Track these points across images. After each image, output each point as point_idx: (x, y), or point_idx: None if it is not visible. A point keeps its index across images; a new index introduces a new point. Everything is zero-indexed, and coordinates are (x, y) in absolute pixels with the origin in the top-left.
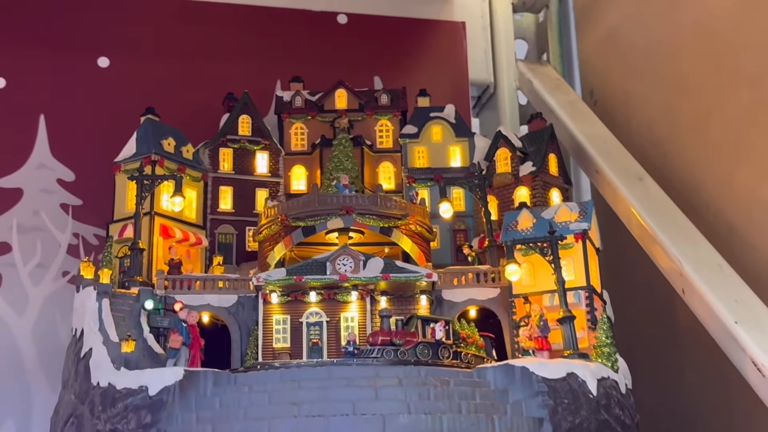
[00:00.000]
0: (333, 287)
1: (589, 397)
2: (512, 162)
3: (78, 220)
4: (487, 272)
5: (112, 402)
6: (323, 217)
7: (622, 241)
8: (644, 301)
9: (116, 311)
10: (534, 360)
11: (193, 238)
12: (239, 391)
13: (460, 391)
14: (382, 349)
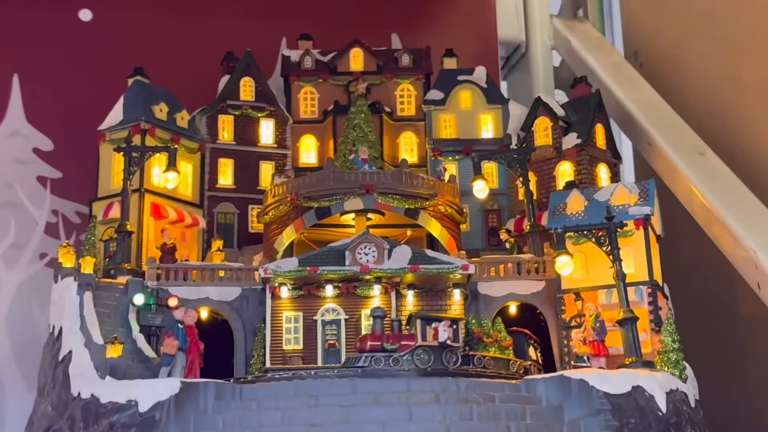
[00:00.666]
0: (353, 280)
1: (657, 414)
2: (553, 133)
3: (57, 195)
4: (530, 262)
5: (95, 418)
6: (340, 196)
7: (677, 225)
8: (702, 295)
9: (100, 306)
10: (593, 371)
11: (189, 219)
12: (246, 407)
13: (508, 410)
14: (370, 356)
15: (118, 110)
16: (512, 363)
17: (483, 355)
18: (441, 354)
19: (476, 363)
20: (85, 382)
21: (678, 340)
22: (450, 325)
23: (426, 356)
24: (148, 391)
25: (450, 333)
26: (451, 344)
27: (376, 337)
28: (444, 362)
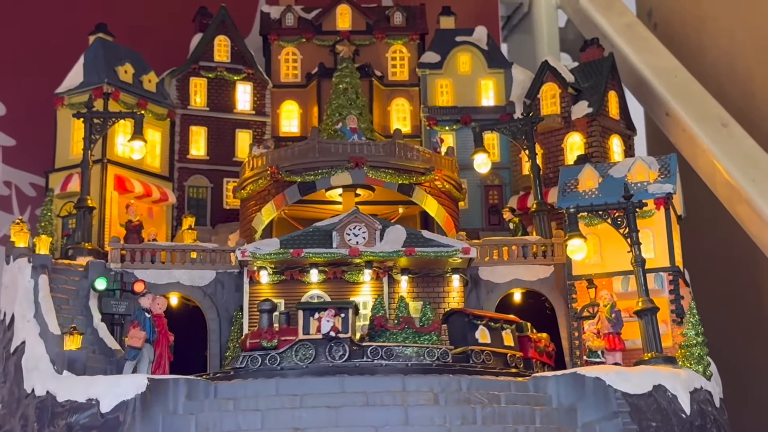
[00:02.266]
0: (341, 264)
1: (681, 417)
2: (562, 101)
3: (10, 164)
4: (536, 245)
5: (51, 418)
6: (326, 170)
7: (698, 204)
8: (725, 282)
9: (57, 291)
10: (610, 369)
11: (157, 193)
12: (221, 408)
13: (515, 412)
14: (248, 355)
15: (77, 71)
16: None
17: (395, 346)
18: (326, 348)
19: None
20: (40, 377)
21: (702, 333)
22: (336, 314)
23: (309, 351)
24: (111, 389)
25: (338, 323)
26: (337, 336)
27: (256, 335)
28: (328, 357)
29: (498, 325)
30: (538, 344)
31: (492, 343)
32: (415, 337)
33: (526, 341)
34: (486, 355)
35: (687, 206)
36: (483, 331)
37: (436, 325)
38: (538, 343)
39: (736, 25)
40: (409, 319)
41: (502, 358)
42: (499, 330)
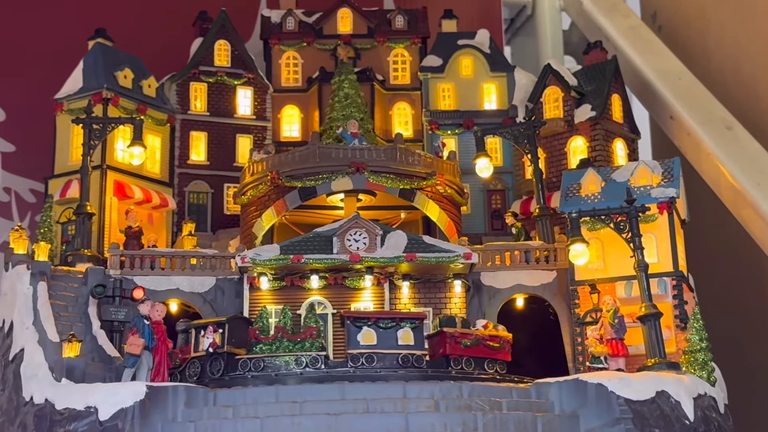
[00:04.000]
0: (341, 270)
1: (684, 423)
2: (565, 104)
3: (9, 170)
4: (539, 250)
5: (49, 426)
6: (326, 175)
7: (702, 208)
8: (729, 287)
9: (56, 298)
10: (612, 375)
11: (157, 199)
12: (220, 415)
13: (517, 419)
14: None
15: (77, 76)
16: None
17: (267, 357)
18: (207, 363)
19: (255, 368)
20: (39, 384)
21: (706, 339)
22: (215, 330)
23: (196, 368)
24: (110, 397)
25: (217, 338)
26: (218, 351)
27: (176, 354)
28: (209, 373)
29: (392, 324)
30: (459, 339)
31: (378, 344)
32: (290, 346)
33: (444, 337)
34: (367, 358)
35: (691, 210)
36: (368, 333)
37: (310, 331)
38: (461, 338)
39: (740, 28)
40: (282, 328)
41: (392, 358)
42: (393, 330)
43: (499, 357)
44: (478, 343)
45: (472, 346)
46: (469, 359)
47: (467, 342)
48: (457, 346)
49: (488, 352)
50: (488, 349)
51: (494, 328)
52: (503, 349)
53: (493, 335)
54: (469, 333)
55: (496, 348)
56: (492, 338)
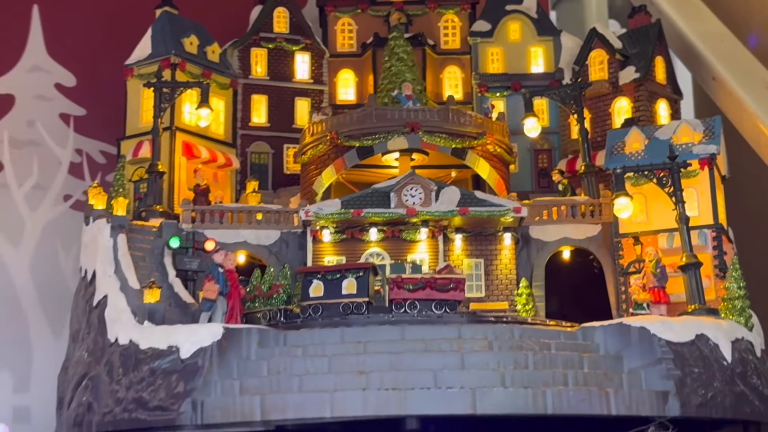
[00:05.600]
0: (398, 223)
1: (722, 364)
2: (609, 67)
3: (81, 133)
4: (585, 204)
5: (135, 364)
6: (383, 135)
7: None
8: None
9: (135, 250)
10: (654, 318)
11: (222, 159)
12: (291, 354)
13: (564, 358)
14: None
15: (145, 43)
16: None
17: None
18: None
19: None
20: (123, 327)
21: (744, 287)
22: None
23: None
24: (190, 337)
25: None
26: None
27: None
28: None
29: (338, 276)
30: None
31: (325, 295)
32: (266, 302)
33: (391, 283)
34: (313, 308)
35: (732, 167)
36: (318, 286)
37: (276, 288)
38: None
39: None
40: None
41: (335, 307)
42: (338, 281)
43: (450, 298)
44: (423, 287)
45: (416, 289)
46: (414, 302)
47: (410, 286)
48: (401, 290)
49: (436, 294)
50: (437, 291)
51: (452, 270)
52: (455, 290)
53: (444, 277)
54: (413, 278)
55: (445, 289)
56: (442, 280)
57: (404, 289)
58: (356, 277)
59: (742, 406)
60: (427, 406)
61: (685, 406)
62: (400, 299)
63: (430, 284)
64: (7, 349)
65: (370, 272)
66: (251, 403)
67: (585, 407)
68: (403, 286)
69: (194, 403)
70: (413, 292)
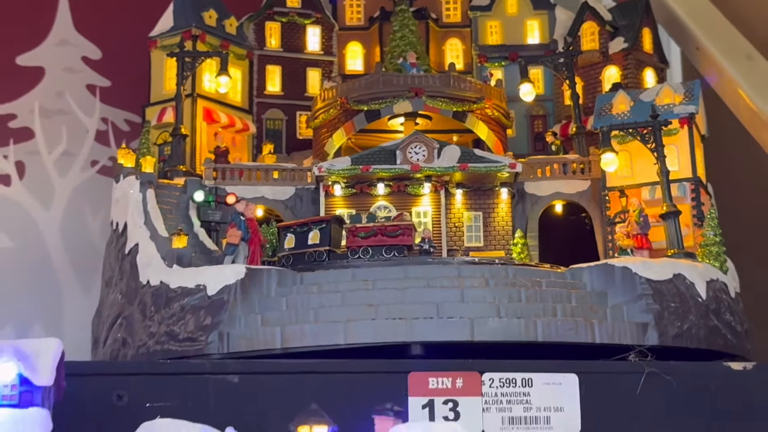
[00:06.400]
0: (404, 178)
1: (697, 300)
2: (600, 38)
3: (106, 103)
4: (575, 162)
5: (166, 302)
6: (389, 99)
7: (724, 127)
8: (750, 196)
9: (162, 203)
10: (636, 259)
11: (240, 124)
12: (307, 291)
13: (554, 293)
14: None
15: (168, 17)
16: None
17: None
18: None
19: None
20: (154, 271)
21: (720, 234)
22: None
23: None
24: (216, 277)
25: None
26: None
27: None
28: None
29: (305, 228)
30: (357, 232)
31: (295, 246)
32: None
33: (347, 232)
34: (286, 258)
35: (715, 130)
36: (290, 238)
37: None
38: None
39: None
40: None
41: (303, 256)
42: (306, 233)
43: (398, 243)
44: (374, 234)
45: (367, 237)
46: (366, 248)
47: (363, 234)
48: (355, 238)
49: (386, 240)
50: (386, 237)
51: (403, 219)
52: (403, 236)
53: (392, 224)
54: (366, 226)
55: (394, 235)
56: (390, 227)
57: (358, 237)
58: (319, 228)
59: (716, 338)
60: (430, 333)
61: (663, 336)
62: (355, 246)
63: (380, 231)
64: (40, 304)
65: (332, 224)
66: (272, 333)
67: (572, 336)
68: (357, 234)
69: (221, 334)
70: (366, 239)
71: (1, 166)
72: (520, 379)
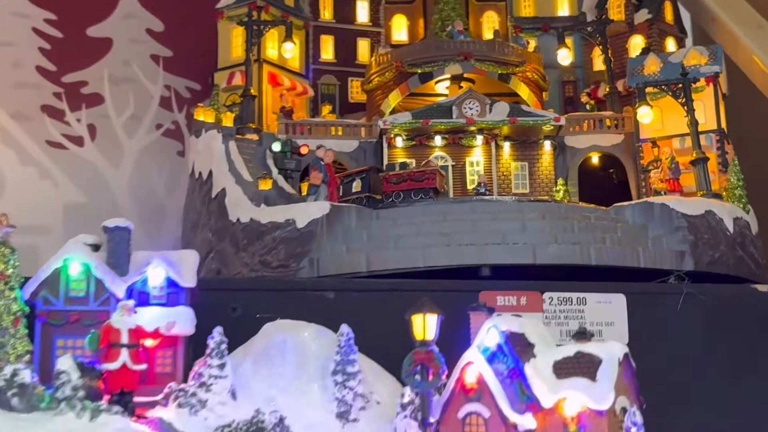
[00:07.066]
0: (458, 131)
1: (726, 234)
2: (626, 9)
3: (169, 72)
4: (610, 118)
5: (258, 236)
6: (441, 62)
7: (739, 91)
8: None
9: (242, 154)
10: (672, 198)
11: (300, 87)
12: (384, 225)
13: (602, 226)
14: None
15: None
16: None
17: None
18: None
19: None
20: (243, 210)
21: (742, 179)
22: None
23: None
24: (304, 212)
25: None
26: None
27: None
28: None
29: (349, 179)
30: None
31: (342, 194)
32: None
33: (384, 180)
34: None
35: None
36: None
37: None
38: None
39: None
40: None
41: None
42: (350, 182)
43: (423, 186)
44: (404, 180)
45: (398, 182)
46: (399, 193)
47: (394, 180)
48: (389, 184)
49: (413, 185)
50: (413, 182)
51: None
52: (427, 180)
53: (419, 171)
54: (397, 174)
55: (420, 180)
56: (417, 173)
57: (391, 183)
58: (360, 178)
59: (742, 267)
60: (498, 257)
61: (698, 263)
62: (390, 191)
63: (409, 177)
64: None
65: (371, 173)
66: (358, 258)
67: (620, 260)
68: (390, 181)
69: (311, 261)
70: (397, 185)
71: (75, 129)
72: (575, 297)
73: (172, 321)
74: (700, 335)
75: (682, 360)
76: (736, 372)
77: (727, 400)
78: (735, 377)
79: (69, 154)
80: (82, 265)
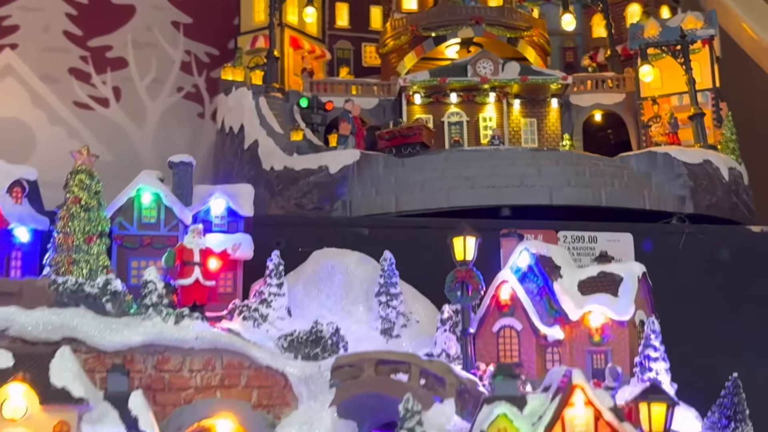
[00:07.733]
0: (473, 89)
1: (722, 181)
2: None
3: (189, 37)
4: (611, 79)
5: (292, 181)
6: (453, 26)
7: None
8: (760, 110)
9: (271, 109)
10: (674, 147)
11: (319, 51)
12: (410, 171)
13: (610, 171)
14: None
15: None
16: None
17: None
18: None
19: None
20: (276, 159)
21: (735, 133)
22: None
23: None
24: (336, 159)
25: None
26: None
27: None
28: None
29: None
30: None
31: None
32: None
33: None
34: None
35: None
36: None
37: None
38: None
39: None
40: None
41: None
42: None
43: (412, 141)
44: (395, 136)
45: (390, 139)
46: (391, 148)
47: (387, 137)
48: (383, 141)
49: (403, 140)
50: (402, 137)
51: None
52: (415, 135)
53: (407, 127)
54: (389, 131)
55: (408, 135)
56: (405, 129)
57: (384, 140)
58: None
59: (736, 211)
60: (517, 198)
61: (698, 206)
62: (384, 147)
63: (399, 133)
64: None
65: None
66: (388, 199)
67: (628, 201)
68: (383, 138)
69: (344, 202)
70: (390, 141)
71: (101, 91)
72: (587, 236)
73: (238, 243)
74: (699, 271)
75: (683, 292)
76: (732, 303)
77: (724, 328)
78: (731, 308)
79: (95, 115)
80: (153, 195)
